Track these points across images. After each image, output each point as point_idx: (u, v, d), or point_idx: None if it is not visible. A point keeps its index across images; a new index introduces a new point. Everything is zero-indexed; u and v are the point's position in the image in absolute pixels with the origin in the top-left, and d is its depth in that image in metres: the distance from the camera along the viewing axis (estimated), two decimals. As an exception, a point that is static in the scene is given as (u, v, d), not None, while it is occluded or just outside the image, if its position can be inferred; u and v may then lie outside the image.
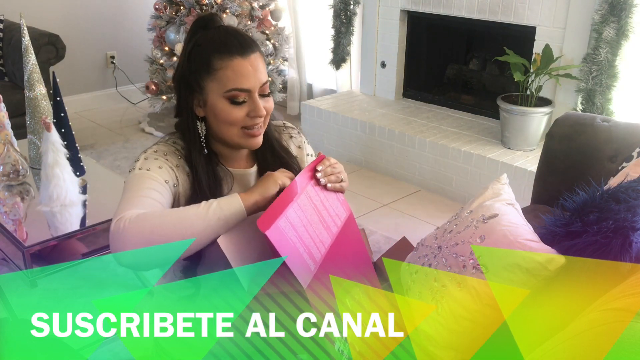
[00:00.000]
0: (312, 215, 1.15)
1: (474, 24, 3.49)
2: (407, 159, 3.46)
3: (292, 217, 1.08)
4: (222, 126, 1.22)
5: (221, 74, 1.19)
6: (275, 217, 1.04)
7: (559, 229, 1.37)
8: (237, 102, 1.20)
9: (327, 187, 1.24)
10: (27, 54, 2.29)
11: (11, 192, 2.27)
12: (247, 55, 1.19)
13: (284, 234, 1.04)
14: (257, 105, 1.20)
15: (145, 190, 1.15)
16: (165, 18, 4.03)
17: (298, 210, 1.11)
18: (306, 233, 1.10)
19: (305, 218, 1.12)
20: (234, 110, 1.20)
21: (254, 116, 1.21)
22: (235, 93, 1.19)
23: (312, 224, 1.14)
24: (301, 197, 1.14)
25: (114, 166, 3.65)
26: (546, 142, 2.12)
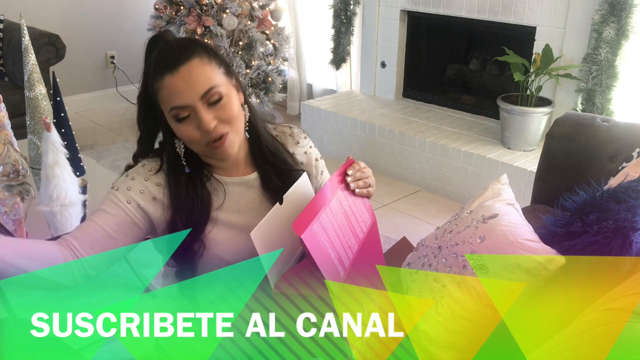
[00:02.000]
0: (342, 221, 1.13)
1: (474, 24, 3.49)
2: (407, 159, 3.46)
3: (325, 222, 1.07)
4: (190, 146, 1.19)
5: (160, 96, 1.15)
6: (310, 220, 1.02)
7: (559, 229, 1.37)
8: (182, 119, 1.14)
9: (355, 192, 1.21)
10: (27, 54, 2.29)
11: (11, 192, 2.27)
12: (176, 69, 1.12)
13: (317, 239, 1.02)
14: (201, 119, 1.13)
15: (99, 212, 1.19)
16: (165, 18, 4.03)
17: (330, 214, 1.09)
18: (337, 238, 1.09)
19: (336, 223, 1.10)
20: (183, 127, 1.15)
21: (204, 131, 1.14)
22: (175, 112, 1.14)
23: (342, 229, 1.12)
24: (332, 201, 1.12)
25: (114, 166, 3.65)
26: (546, 142, 2.12)
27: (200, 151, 1.20)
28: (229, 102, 1.16)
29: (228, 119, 1.16)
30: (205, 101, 1.13)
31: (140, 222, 1.21)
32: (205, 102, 1.13)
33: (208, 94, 1.13)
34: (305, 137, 1.39)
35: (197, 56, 1.14)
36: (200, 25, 3.90)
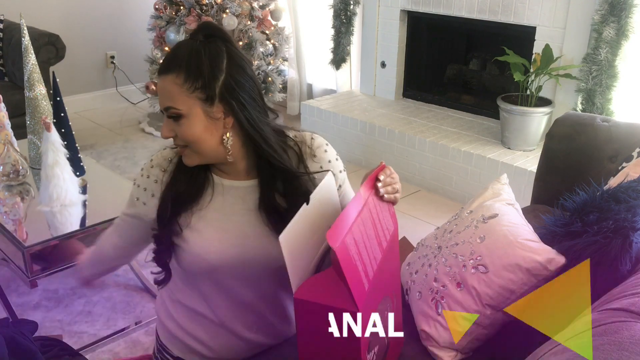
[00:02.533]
0: (370, 230, 1.10)
1: (474, 24, 3.49)
2: (407, 159, 3.46)
3: (356, 233, 1.04)
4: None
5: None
6: (344, 231, 1.00)
7: (559, 229, 1.37)
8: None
9: (384, 197, 1.18)
10: (27, 54, 2.29)
11: (11, 192, 2.27)
12: (162, 75, 1.17)
13: (348, 251, 1.00)
14: (163, 125, 1.21)
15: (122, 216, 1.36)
16: (165, 18, 4.03)
17: (361, 225, 1.06)
18: (365, 249, 1.06)
19: (366, 233, 1.08)
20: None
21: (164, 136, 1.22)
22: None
23: (369, 239, 1.09)
24: (364, 210, 1.09)
25: (114, 166, 3.65)
26: (546, 142, 2.12)
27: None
28: (188, 125, 1.17)
29: (183, 138, 1.19)
30: (168, 115, 1.19)
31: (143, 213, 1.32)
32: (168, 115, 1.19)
33: (168, 110, 1.18)
34: (325, 150, 1.35)
35: (174, 73, 1.15)
36: (200, 25, 3.89)
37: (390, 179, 1.20)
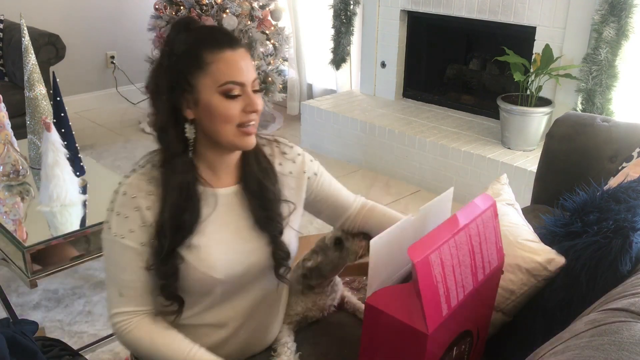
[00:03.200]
0: (465, 257, 1.05)
1: (474, 24, 3.49)
2: (407, 159, 3.46)
3: (445, 254, 1.00)
4: (218, 125, 1.16)
5: (214, 68, 1.13)
6: (429, 248, 0.96)
7: (559, 229, 1.37)
8: (231, 95, 1.14)
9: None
10: (27, 54, 2.29)
11: (11, 192, 2.27)
12: (236, 48, 1.15)
13: (430, 269, 0.96)
14: (252, 99, 1.15)
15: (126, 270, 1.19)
16: (165, 18, 4.03)
17: (453, 247, 1.02)
18: (452, 274, 1.01)
19: (457, 258, 1.03)
20: (229, 105, 1.14)
21: (250, 111, 1.15)
22: (230, 86, 1.13)
23: (461, 266, 1.04)
24: (460, 233, 1.05)
25: (114, 166, 3.65)
26: (546, 142, 2.12)
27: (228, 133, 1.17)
28: (261, 95, 1.20)
29: (260, 110, 1.18)
30: (253, 86, 1.17)
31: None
32: (252, 87, 1.17)
33: (255, 80, 1.17)
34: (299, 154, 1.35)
35: (243, 48, 1.18)
36: (200, 25, 3.90)
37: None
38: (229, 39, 1.16)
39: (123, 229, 1.18)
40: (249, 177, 1.26)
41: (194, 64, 1.14)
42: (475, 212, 1.10)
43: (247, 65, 1.15)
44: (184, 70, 1.15)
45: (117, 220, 1.19)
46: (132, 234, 1.17)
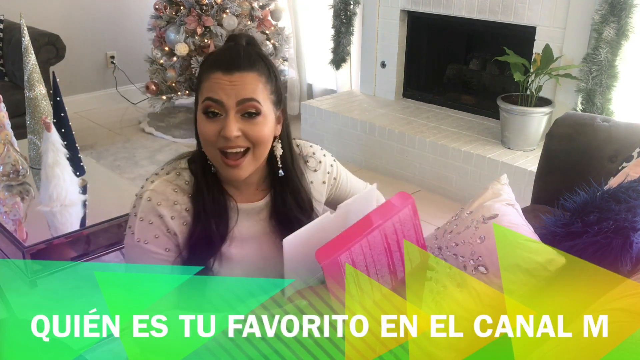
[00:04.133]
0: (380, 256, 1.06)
1: (474, 24, 3.49)
2: (407, 159, 3.46)
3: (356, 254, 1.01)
4: (204, 146, 1.16)
5: (202, 87, 1.13)
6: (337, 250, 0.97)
7: (559, 229, 1.37)
8: (209, 113, 1.11)
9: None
10: (27, 54, 2.29)
11: (11, 192, 2.27)
12: (230, 71, 1.11)
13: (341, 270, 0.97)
14: (227, 123, 1.10)
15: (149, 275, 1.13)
16: (165, 18, 4.03)
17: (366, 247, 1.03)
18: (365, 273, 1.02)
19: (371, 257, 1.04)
20: (207, 124, 1.12)
21: (224, 136, 1.10)
22: (207, 103, 1.11)
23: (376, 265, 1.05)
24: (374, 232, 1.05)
25: (114, 166, 3.65)
26: (546, 142, 2.12)
27: (212, 156, 1.16)
28: (264, 123, 1.13)
29: (254, 138, 1.13)
30: (240, 110, 1.12)
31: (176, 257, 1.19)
32: (239, 112, 1.11)
33: (247, 102, 1.11)
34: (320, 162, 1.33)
35: (257, 72, 1.13)
36: (200, 25, 3.90)
37: None
38: (227, 63, 1.12)
39: (147, 235, 1.16)
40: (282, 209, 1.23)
41: (197, 84, 1.16)
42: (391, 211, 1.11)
43: (237, 88, 1.10)
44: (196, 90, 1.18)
45: (140, 225, 1.16)
46: (157, 239, 1.16)
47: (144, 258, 1.16)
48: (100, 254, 2.03)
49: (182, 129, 4.19)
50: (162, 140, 4.10)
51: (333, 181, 1.36)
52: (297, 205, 1.24)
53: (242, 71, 1.12)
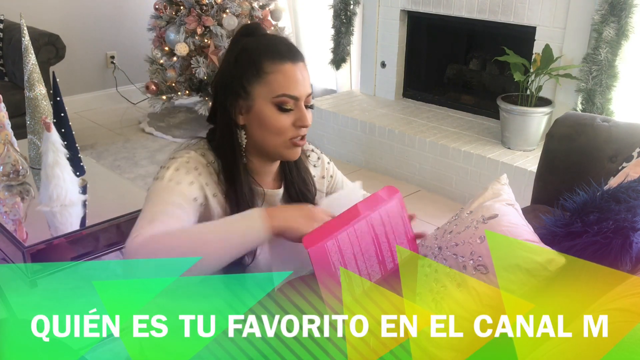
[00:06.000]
0: (367, 245, 1.08)
1: (474, 24, 3.49)
2: (407, 159, 3.46)
3: (344, 242, 1.02)
4: (267, 134, 1.18)
5: (272, 78, 1.15)
6: (324, 236, 0.99)
7: (559, 229, 1.37)
8: (284, 108, 1.15)
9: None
10: (27, 54, 2.29)
11: (11, 192, 2.27)
12: (297, 61, 1.17)
13: (327, 257, 0.99)
14: (303, 114, 1.17)
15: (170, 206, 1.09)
16: (165, 18, 4.03)
17: (352, 235, 1.05)
18: (353, 262, 1.04)
19: (359, 246, 1.06)
20: (281, 117, 1.16)
21: (300, 126, 1.17)
22: (284, 99, 1.15)
23: (364, 254, 1.07)
24: (361, 222, 1.07)
25: (114, 166, 3.65)
26: (546, 142, 2.12)
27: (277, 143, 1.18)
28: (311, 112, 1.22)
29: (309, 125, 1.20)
30: (306, 102, 1.19)
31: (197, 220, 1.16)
32: (305, 103, 1.18)
33: (309, 95, 1.19)
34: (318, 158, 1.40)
35: (303, 61, 1.19)
36: (200, 25, 3.90)
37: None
38: (291, 51, 1.17)
39: (181, 178, 1.14)
40: (291, 185, 1.29)
41: (252, 72, 1.16)
42: (377, 202, 1.13)
43: (305, 80, 1.17)
44: (242, 76, 1.16)
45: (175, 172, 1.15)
46: (191, 185, 1.14)
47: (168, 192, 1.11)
48: (100, 254, 2.03)
49: (182, 129, 4.20)
50: (162, 140, 4.10)
51: (330, 179, 1.41)
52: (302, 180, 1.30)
53: (303, 60, 1.19)
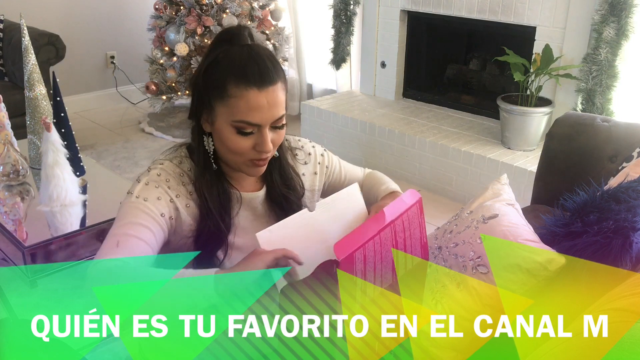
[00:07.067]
0: (387, 253, 1.06)
1: (474, 24, 3.49)
2: (407, 159, 3.46)
3: (369, 251, 1.00)
4: (228, 154, 1.16)
5: (233, 102, 1.11)
6: (354, 246, 0.97)
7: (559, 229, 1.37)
8: (244, 132, 1.12)
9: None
10: (27, 54, 2.29)
11: (11, 192, 2.27)
12: (264, 87, 1.10)
13: (353, 266, 0.97)
14: (264, 140, 1.12)
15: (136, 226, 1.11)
16: (165, 18, 4.03)
17: (377, 244, 1.03)
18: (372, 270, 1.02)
19: (380, 255, 1.04)
20: (239, 140, 1.13)
21: (260, 151, 1.14)
22: (243, 125, 1.11)
23: (382, 262, 1.05)
24: (386, 230, 1.05)
25: (114, 166, 3.65)
26: (546, 142, 2.12)
27: (236, 162, 1.17)
28: (284, 130, 1.18)
29: (278, 143, 1.18)
30: (272, 125, 1.14)
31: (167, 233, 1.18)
32: (271, 126, 1.14)
33: (279, 119, 1.14)
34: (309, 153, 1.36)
35: (280, 80, 1.14)
36: (200, 25, 3.90)
37: None
38: (261, 75, 1.11)
39: (149, 194, 1.15)
40: (272, 187, 1.27)
41: (217, 90, 1.13)
42: (401, 208, 1.10)
43: (272, 107, 1.12)
44: (208, 89, 1.14)
45: (143, 187, 1.16)
46: (158, 201, 1.15)
47: (136, 212, 1.12)
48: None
49: (182, 129, 4.20)
50: (162, 140, 4.10)
51: (325, 170, 1.38)
52: (284, 183, 1.27)
53: (273, 84, 1.12)
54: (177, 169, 1.20)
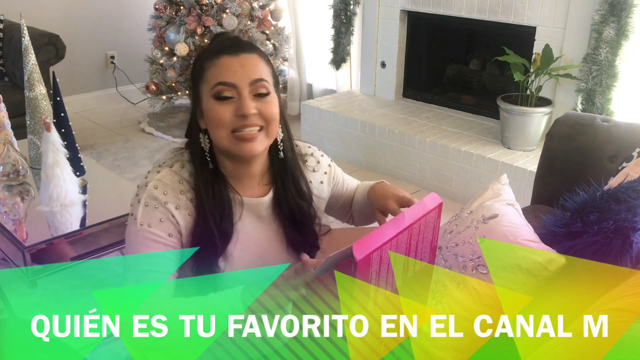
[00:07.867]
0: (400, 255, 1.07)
1: (474, 24, 3.49)
2: (407, 159, 3.46)
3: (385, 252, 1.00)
4: (214, 130, 1.15)
5: (208, 74, 1.13)
6: (372, 247, 0.96)
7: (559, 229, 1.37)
8: (222, 97, 1.12)
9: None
10: (27, 54, 2.29)
11: (11, 192, 2.27)
12: (236, 53, 1.13)
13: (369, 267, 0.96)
14: (243, 102, 1.11)
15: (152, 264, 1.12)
16: (165, 18, 4.03)
17: (394, 246, 1.02)
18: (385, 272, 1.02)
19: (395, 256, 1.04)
20: (219, 107, 1.12)
21: (240, 115, 1.11)
22: (219, 87, 1.11)
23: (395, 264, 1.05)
24: (404, 233, 1.04)
25: (114, 166, 3.65)
26: (546, 142, 2.12)
27: (223, 138, 1.15)
28: (273, 101, 1.16)
29: (267, 116, 1.14)
30: (252, 90, 1.13)
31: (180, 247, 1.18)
32: (252, 92, 1.13)
33: (258, 82, 1.13)
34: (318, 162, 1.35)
35: (258, 53, 1.16)
36: (200, 25, 3.90)
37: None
38: (233, 45, 1.14)
39: (151, 219, 1.14)
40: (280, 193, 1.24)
41: (198, 76, 1.16)
42: (421, 212, 1.10)
43: (246, 69, 1.12)
44: (194, 83, 1.17)
45: (145, 210, 1.15)
46: (161, 224, 1.14)
47: (145, 242, 1.14)
48: (100, 254, 2.03)
49: (182, 129, 4.19)
50: (162, 140, 4.10)
51: (332, 181, 1.38)
52: (297, 191, 1.26)
53: (246, 52, 1.14)
54: (175, 177, 1.18)
